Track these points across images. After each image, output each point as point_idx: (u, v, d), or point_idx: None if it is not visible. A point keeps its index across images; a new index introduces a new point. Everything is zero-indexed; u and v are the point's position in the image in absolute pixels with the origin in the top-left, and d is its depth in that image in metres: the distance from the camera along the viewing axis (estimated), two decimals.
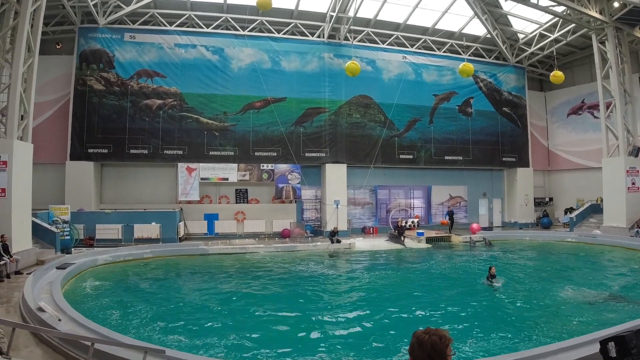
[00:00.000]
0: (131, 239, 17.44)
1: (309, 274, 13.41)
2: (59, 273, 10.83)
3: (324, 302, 10.10)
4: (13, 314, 7.81)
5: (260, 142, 21.00)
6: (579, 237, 19.44)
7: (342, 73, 21.45)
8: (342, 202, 21.35)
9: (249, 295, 10.59)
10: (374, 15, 21.86)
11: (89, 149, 19.16)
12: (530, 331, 7.79)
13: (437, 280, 12.56)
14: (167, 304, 9.62)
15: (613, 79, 19.13)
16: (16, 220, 12.26)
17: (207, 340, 7.33)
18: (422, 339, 2.08)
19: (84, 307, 8.54)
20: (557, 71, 18.21)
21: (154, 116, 19.94)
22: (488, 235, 20.26)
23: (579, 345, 5.46)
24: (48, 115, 19.28)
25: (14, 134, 12.33)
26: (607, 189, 19.85)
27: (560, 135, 26.39)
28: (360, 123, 22.32)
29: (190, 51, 20.61)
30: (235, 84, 20.89)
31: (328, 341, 7.38)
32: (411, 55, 23.39)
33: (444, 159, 23.77)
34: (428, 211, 24.85)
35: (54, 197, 18.27)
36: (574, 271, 13.66)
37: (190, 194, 20.22)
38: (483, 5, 21.36)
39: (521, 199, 25.19)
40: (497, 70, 25.03)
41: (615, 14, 18.35)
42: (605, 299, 10.03)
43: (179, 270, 13.70)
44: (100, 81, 19.51)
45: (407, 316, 8.94)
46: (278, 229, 20.76)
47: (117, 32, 19.79)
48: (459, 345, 6.90)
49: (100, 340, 5.34)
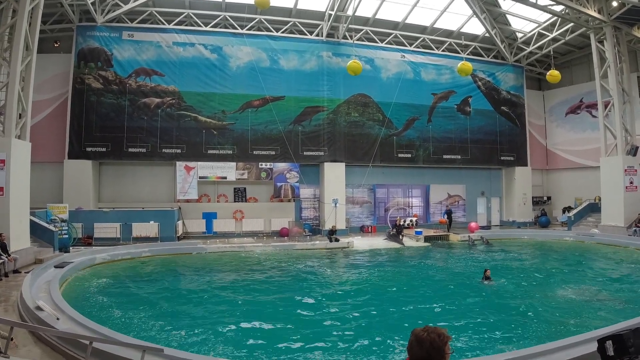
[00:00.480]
0: (129, 237, 17.41)
1: (307, 273, 13.42)
2: (57, 272, 10.83)
3: (321, 301, 10.10)
4: (11, 313, 7.80)
5: (259, 141, 20.99)
6: (577, 236, 19.51)
7: (341, 72, 21.54)
8: (341, 200, 21.36)
9: (247, 294, 10.60)
10: (372, 14, 21.85)
11: (87, 148, 19.13)
12: (527, 330, 7.82)
13: (435, 279, 12.59)
14: (165, 303, 9.63)
15: (611, 78, 19.16)
16: (14, 219, 12.24)
17: (205, 338, 7.34)
18: (421, 337, 2.08)
19: (82, 306, 8.53)
20: (553, 70, 18.19)
21: (152, 115, 19.91)
22: (486, 234, 20.30)
23: (576, 343, 5.48)
24: (46, 114, 19.24)
25: (12, 132, 12.31)
26: (605, 188, 19.89)
27: (559, 134, 26.43)
28: (358, 122, 22.31)
29: (189, 50, 20.56)
30: (234, 82, 20.86)
31: (325, 339, 7.39)
32: (410, 54, 23.39)
33: (443, 157, 23.79)
34: (426, 210, 24.88)
35: (52, 195, 18.22)
36: (571, 270, 13.70)
37: (188, 192, 20.21)
38: (482, 4, 21.35)
39: (519, 197, 25.23)
40: (495, 69, 25.05)
41: (614, 13, 18.38)
42: (603, 298, 10.07)
43: (177, 269, 13.69)
44: (99, 80, 19.46)
45: (404, 314, 8.96)
46: (277, 228, 20.77)
47: (115, 31, 19.73)
48: (456, 344, 6.91)
49: (98, 339, 5.35)
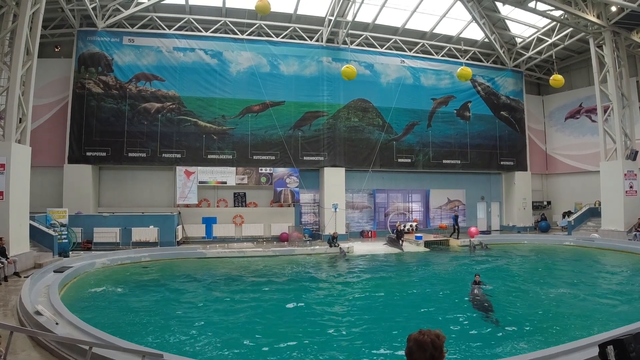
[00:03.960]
0: (129, 242, 17.38)
1: (307, 278, 13.39)
2: (57, 276, 10.80)
3: (321, 306, 10.07)
4: (10, 318, 7.77)
5: (259, 146, 21.00)
6: (577, 240, 19.49)
7: (341, 77, 21.47)
8: (341, 205, 21.35)
9: (246, 300, 10.56)
10: (372, 20, 21.96)
11: (87, 152, 19.14)
12: (528, 335, 7.78)
13: (434, 284, 12.55)
14: (165, 308, 9.59)
15: (610, 83, 19.22)
16: (14, 223, 12.21)
17: (205, 344, 7.31)
18: (421, 340, 2.06)
19: (82, 311, 8.49)
20: (556, 75, 18.15)
21: (153, 119, 19.94)
22: (486, 239, 20.30)
23: (577, 348, 5.45)
24: (46, 118, 19.27)
25: (12, 136, 12.32)
26: (605, 193, 19.89)
27: (558, 139, 26.47)
28: (358, 127, 22.35)
29: (189, 55, 20.64)
30: (234, 87, 20.92)
31: (322, 345, 7.36)
32: (409, 60, 23.48)
33: (442, 162, 23.80)
34: (426, 215, 24.86)
35: (52, 200, 18.21)
36: (571, 275, 13.68)
37: (188, 197, 20.20)
38: (481, 9, 21.48)
39: (519, 202, 25.21)
40: (495, 74, 25.14)
41: (613, 18, 18.48)
42: (604, 303, 10.04)
43: (177, 274, 13.65)
44: (99, 84, 19.51)
45: (401, 320, 8.93)
46: (276, 233, 20.73)
47: (115, 36, 19.81)
48: (456, 350, 6.89)
49: (98, 344, 5.31)
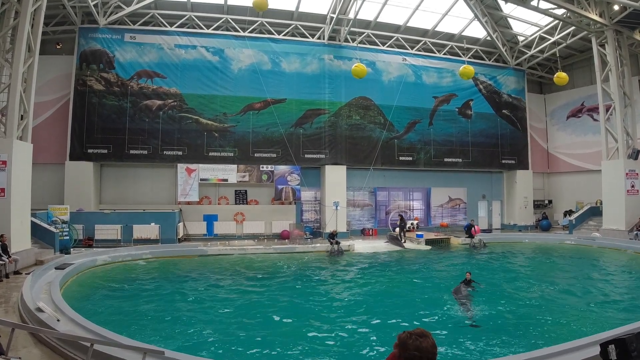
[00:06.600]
0: (130, 239, 17.41)
1: (308, 276, 13.40)
2: (58, 273, 10.83)
3: (321, 305, 10.08)
4: (12, 314, 7.79)
5: (260, 143, 20.99)
6: (578, 239, 19.48)
7: (342, 75, 21.61)
8: (342, 203, 21.34)
9: (247, 297, 10.58)
10: (374, 17, 21.89)
11: (88, 149, 19.15)
12: (529, 334, 7.78)
13: (434, 282, 12.55)
14: (166, 305, 9.61)
15: (613, 82, 19.16)
16: (15, 220, 12.25)
17: (206, 341, 7.33)
18: (423, 347, 2.00)
19: (83, 308, 8.51)
20: (560, 72, 17.71)
21: (154, 117, 19.94)
22: (487, 238, 20.29)
23: (578, 347, 5.46)
24: (48, 115, 19.27)
25: (13, 133, 12.33)
26: (606, 192, 19.85)
27: (560, 137, 26.41)
28: (360, 125, 22.32)
29: (191, 52, 20.61)
30: (235, 85, 20.89)
31: (323, 344, 7.37)
32: (411, 57, 23.42)
33: (444, 161, 23.77)
34: (427, 213, 24.85)
35: (53, 197, 18.24)
36: (573, 274, 13.66)
37: (189, 194, 20.22)
38: (483, 7, 21.41)
39: (520, 201, 25.19)
40: (496, 72, 25.07)
41: (615, 16, 18.40)
42: (605, 302, 10.04)
43: (178, 271, 13.68)
44: (100, 81, 19.50)
45: (398, 320, 8.93)
46: (277, 230, 20.74)
47: (117, 33, 19.79)
48: (455, 349, 6.89)
49: (99, 341, 5.33)
